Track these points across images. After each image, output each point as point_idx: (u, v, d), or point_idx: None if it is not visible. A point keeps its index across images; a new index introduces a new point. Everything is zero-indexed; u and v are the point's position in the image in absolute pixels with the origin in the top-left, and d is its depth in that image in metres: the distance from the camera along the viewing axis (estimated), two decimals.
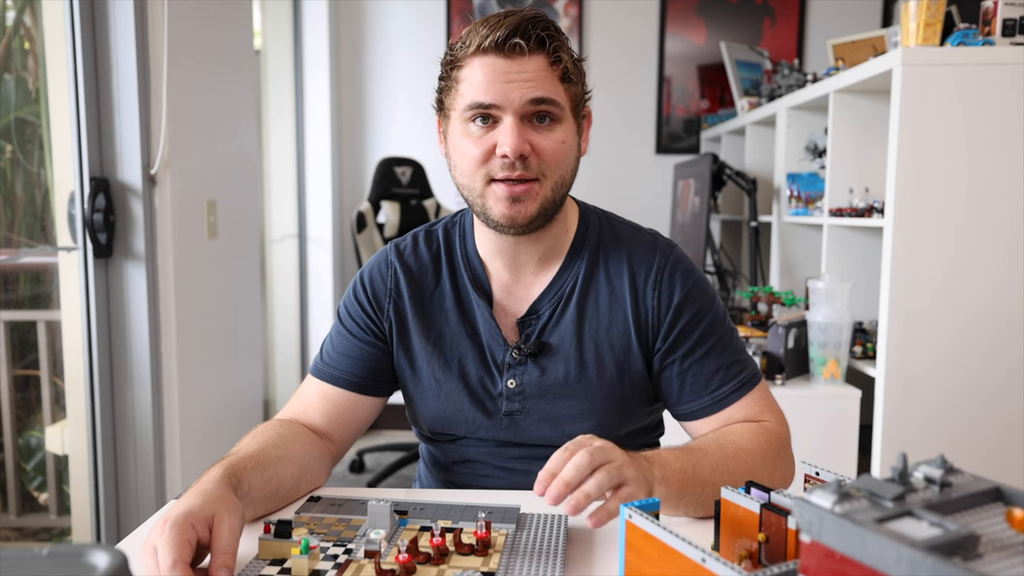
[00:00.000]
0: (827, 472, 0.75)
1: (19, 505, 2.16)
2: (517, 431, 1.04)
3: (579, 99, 0.99)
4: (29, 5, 2.03)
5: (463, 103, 0.95)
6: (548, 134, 0.95)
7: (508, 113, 0.93)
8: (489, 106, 0.93)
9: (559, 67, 0.95)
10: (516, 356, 1.03)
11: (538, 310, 1.04)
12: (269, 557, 0.79)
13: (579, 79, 0.99)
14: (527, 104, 0.93)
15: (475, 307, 1.05)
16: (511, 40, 0.91)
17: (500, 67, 0.92)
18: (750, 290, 2.48)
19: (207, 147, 2.25)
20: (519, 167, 0.94)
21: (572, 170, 1.00)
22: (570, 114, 0.98)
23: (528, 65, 0.92)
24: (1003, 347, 1.79)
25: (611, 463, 0.78)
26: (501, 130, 0.94)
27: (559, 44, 0.95)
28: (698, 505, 0.90)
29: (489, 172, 0.95)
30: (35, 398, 2.17)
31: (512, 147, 0.92)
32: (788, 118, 2.62)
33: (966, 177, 1.76)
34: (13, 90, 2.03)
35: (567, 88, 0.96)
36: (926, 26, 1.74)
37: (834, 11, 3.53)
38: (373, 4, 3.62)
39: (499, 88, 0.92)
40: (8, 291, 2.09)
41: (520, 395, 1.03)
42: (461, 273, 1.06)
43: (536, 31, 0.92)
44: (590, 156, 3.64)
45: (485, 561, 0.78)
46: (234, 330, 2.46)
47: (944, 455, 0.52)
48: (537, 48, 0.93)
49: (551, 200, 0.98)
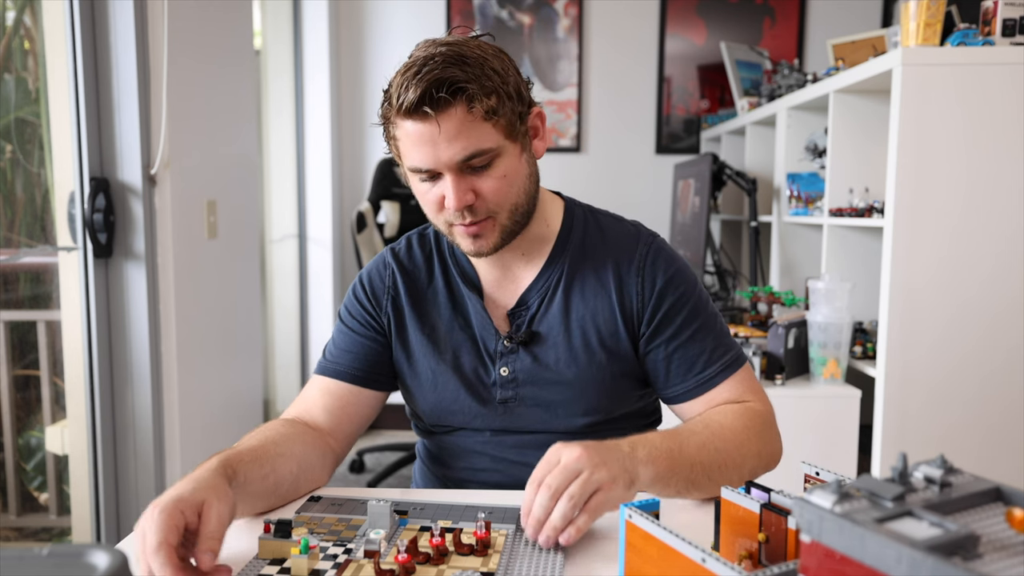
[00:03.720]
0: (827, 472, 0.75)
1: (19, 505, 2.16)
2: (512, 418, 1.07)
3: (513, 123, 0.99)
4: (29, 5, 2.03)
5: (406, 163, 0.99)
6: (488, 176, 0.98)
7: (445, 171, 0.96)
8: (427, 170, 0.97)
9: (479, 110, 0.94)
10: (508, 345, 1.06)
11: (527, 301, 1.08)
12: (269, 557, 0.79)
13: (507, 106, 0.97)
14: (458, 164, 0.95)
15: (467, 300, 1.09)
16: (422, 108, 0.92)
17: (423, 131, 0.94)
18: (750, 290, 2.48)
19: (207, 147, 2.25)
20: (468, 215, 0.98)
21: (525, 190, 1.03)
22: (508, 143, 0.98)
23: (447, 123, 0.93)
24: (1003, 346, 1.79)
25: (576, 480, 0.80)
26: (444, 186, 0.97)
27: (473, 91, 0.93)
28: (689, 484, 0.92)
29: (447, 219, 1.01)
30: (35, 398, 2.17)
31: (454, 205, 0.96)
32: (788, 118, 2.62)
33: (966, 177, 1.76)
34: (13, 90, 2.03)
35: (495, 123, 0.96)
36: (926, 26, 1.74)
37: (834, 11, 3.53)
38: (373, 4, 3.62)
39: (427, 152, 0.95)
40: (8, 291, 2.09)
41: (513, 383, 1.06)
42: (452, 271, 1.11)
43: (442, 93, 0.92)
44: (590, 156, 3.64)
45: (485, 561, 0.78)
46: (234, 330, 2.46)
47: (944, 455, 0.52)
48: (447, 105, 0.93)
49: (510, 226, 1.02)
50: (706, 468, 0.93)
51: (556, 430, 1.06)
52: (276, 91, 3.45)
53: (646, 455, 0.88)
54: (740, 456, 0.97)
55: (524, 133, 1.02)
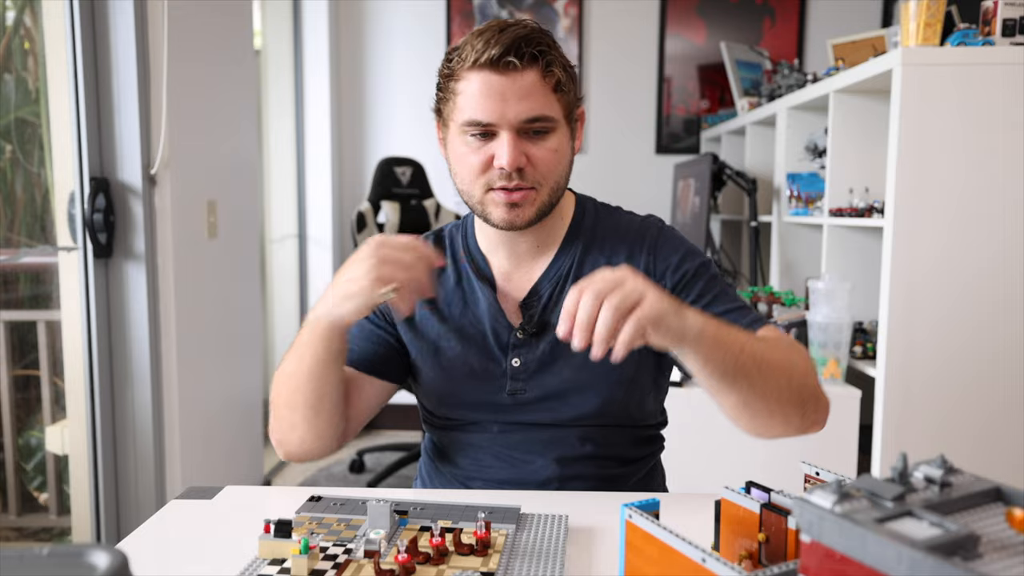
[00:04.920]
0: (827, 472, 0.75)
1: (19, 505, 2.17)
2: (521, 411, 1.07)
3: (572, 106, 1.03)
4: (29, 5, 2.03)
5: (461, 117, 0.99)
6: (543, 144, 1.00)
7: (504, 129, 0.97)
8: (486, 124, 0.98)
9: (552, 79, 0.98)
10: (520, 336, 1.07)
11: (539, 291, 1.08)
12: (269, 557, 0.79)
13: (571, 87, 1.02)
14: (522, 122, 0.97)
15: (479, 293, 1.10)
16: (505, 58, 0.95)
17: (495, 84, 0.96)
18: (750, 290, 2.48)
19: (207, 147, 2.25)
20: (516, 178, 0.99)
21: (567, 173, 1.05)
22: (563, 122, 1.02)
23: (522, 81, 0.96)
24: (1004, 346, 1.79)
25: (618, 288, 0.80)
26: (498, 144, 0.98)
27: (552, 58, 0.98)
28: (736, 367, 0.88)
29: (488, 181, 1.01)
30: (35, 398, 2.17)
31: (509, 162, 0.97)
32: (788, 118, 2.62)
33: (966, 177, 1.76)
34: (13, 90, 2.03)
35: (560, 98, 1.00)
36: (926, 26, 1.74)
37: (834, 11, 3.53)
38: (373, 4, 3.61)
39: (495, 106, 0.96)
40: (8, 291, 2.10)
41: (524, 372, 1.06)
42: (465, 265, 1.12)
43: (530, 48, 0.96)
44: (590, 156, 3.64)
45: (485, 561, 0.78)
46: (234, 330, 2.46)
47: (944, 455, 0.52)
48: (530, 63, 0.96)
49: (548, 204, 1.03)
50: (755, 357, 0.90)
51: (564, 422, 1.06)
52: (276, 91, 3.45)
53: (696, 320, 0.85)
54: (788, 364, 0.94)
55: (575, 120, 1.06)
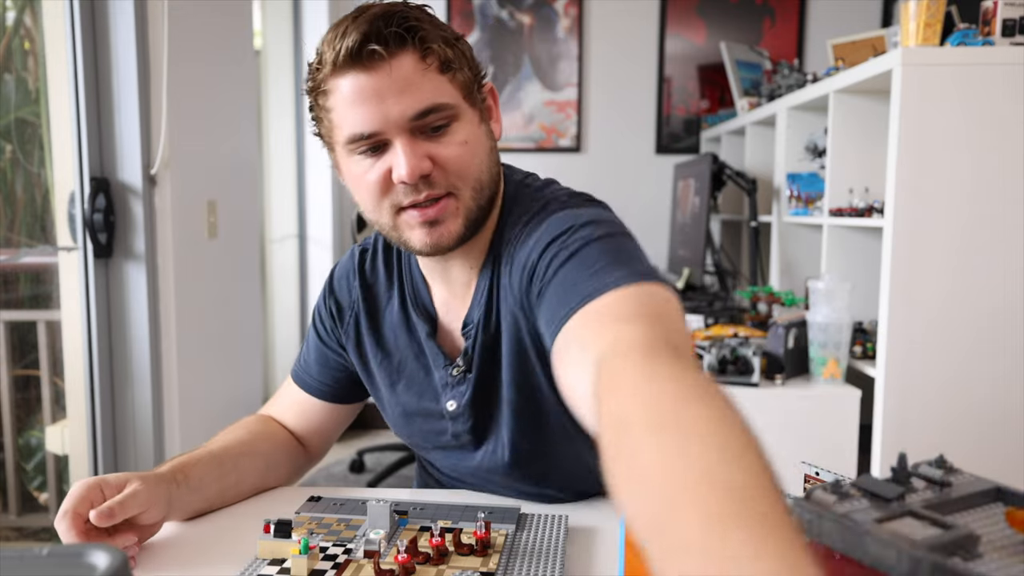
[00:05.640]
0: (827, 472, 0.75)
1: (19, 505, 2.17)
2: (469, 454, 0.96)
3: (471, 83, 0.84)
4: (29, 5, 2.03)
5: (341, 135, 0.82)
6: (447, 140, 0.82)
7: (393, 134, 0.80)
8: (371, 134, 0.80)
9: (433, 58, 0.80)
10: (454, 375, 0.93)
11: (472, 319, 0.91)
12: (268, 557, 0.79)
13: (463, 62, 0.83)
14: (411, 120, 0.79)
15: (417, 328, 0.96)
16: (366, 47, 0.77)
17: (365, 83, 0.78)
18: (750, 290, 2.48)
19: (207, 147, 2.25)
20: (424, 188, 0.81)
21: (489, 165, 0.86)
22: (465, 105, 0.83)
23: (396, 70, 0.78)
24: (1004, 346, 1.79)
25: None
26: (392, 154, 0.81)
27: (425, 32, 0.79)
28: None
29: (394, 202, 0.83)
30: (35, 398, 2.17)
31: (408, 173, 0.79)
32: (788, 118, 2.62)
33: (966, 177, 1.76)
34: (13, 90, 2.03)
35: (451, 77, 0.81)
36: (926, 26, 1.74)
37: (834, 11, 3.53)
38: None
39: (372, 110, 0.78)
40: (8, 291, 2.10)
41: (462, 416, 0.93)
42: (407, 291, 0.97)
43: (392, 27, 0.77)
44: (590, 156, 3.64)
45: (484, 561, 0.78)
46: (234, 330, 2.46)
47: (944, 455, 0.52)
48: (399, 46, 0.78)
49: (476, 209, 0.85)
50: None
51: (515, 467, 0.93)
52: (276, 91, 3.45)
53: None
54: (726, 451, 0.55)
55: (482, 100, 0.87)
